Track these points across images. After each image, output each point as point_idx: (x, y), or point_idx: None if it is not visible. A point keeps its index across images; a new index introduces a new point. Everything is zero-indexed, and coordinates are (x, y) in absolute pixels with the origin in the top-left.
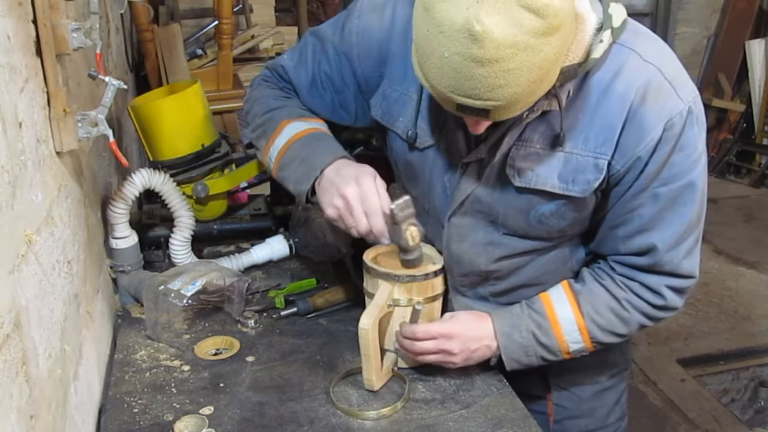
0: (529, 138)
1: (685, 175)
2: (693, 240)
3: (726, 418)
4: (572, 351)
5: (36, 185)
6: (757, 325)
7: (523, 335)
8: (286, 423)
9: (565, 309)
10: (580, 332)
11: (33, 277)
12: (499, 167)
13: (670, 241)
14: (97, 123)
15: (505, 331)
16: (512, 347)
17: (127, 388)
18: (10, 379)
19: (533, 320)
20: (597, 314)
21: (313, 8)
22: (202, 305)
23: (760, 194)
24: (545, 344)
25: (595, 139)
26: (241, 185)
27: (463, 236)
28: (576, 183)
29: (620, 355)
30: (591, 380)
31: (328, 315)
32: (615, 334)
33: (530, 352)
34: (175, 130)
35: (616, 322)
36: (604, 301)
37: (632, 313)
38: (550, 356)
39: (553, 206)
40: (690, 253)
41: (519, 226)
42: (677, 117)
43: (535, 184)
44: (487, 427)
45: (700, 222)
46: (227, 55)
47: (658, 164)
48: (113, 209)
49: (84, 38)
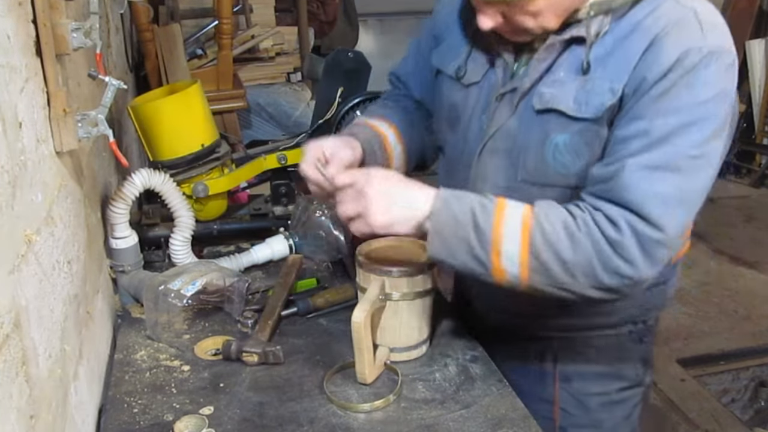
0: (557, 69)
1: (685, 113)
2: (673, 187)
3: (726, 418)
4: (503, 251)
5: (36, 185)
6: (757, 325)
7: (462, 208)
8: (286, 423)
9: (518, 204)
10: (521, 226)
11: (33, 277)
12: (529, 97)
13: (642, 161)
14: (97, 123)
15: (445, 196)
16: (443, 216)
17: (127, 388)
18: (10, 379)
19: (480, 201)
20: (546, 219)
21: (313, 8)
22: (202, 305)
23: (760, 194)
24: (479, 225)
25: (614, 65)
26: (241, 185)
27: (486, 178)
28: (589, 105)
29: (632, 369)
30: (600, 390)
31: (328, 315)
32: (558, 256)
33: (460, 232)
34: (175, 130)
35: (564, 238)
36: (559, 214)
37: (582, 237)
38: (478, 248)
39: (567, 136)
40: (666, 200)
41: (537, 165)
42: (695, 51)
43: (550, 104)
44: (487, 427)
45: (692, 173)
46: (227, 55)
47: (660, 90)
48: (113, 209)
49: (84, 38)
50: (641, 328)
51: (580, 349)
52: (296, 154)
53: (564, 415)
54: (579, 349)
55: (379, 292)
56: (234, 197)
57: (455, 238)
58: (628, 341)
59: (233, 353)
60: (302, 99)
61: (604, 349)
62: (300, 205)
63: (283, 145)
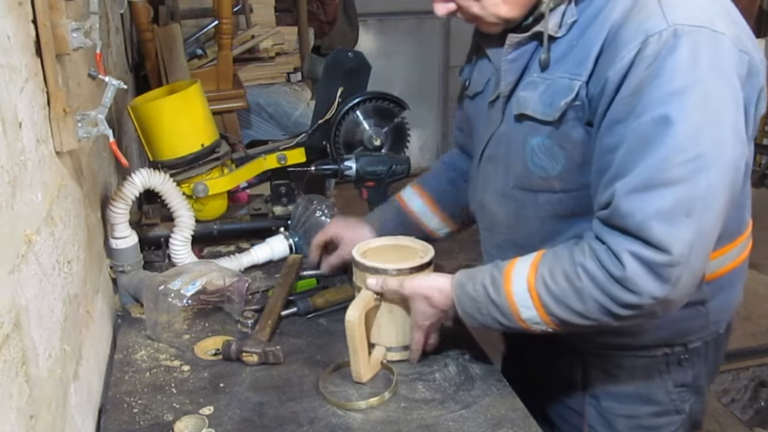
0: (533, 68)
1: (656, 107)
2: (673, 200)
3: (726, 418)
4: (526, 319)
5: (36, 185)
6: (757, 325)
7: (476, 288)
8: (286, 423)
9: (523, 266)
10: (529, 294)
11: (33, 277)
12: (511, 101)
13: (631, 184)
14: (97, 123)
15: (461, 280)
16: (464, 299)
17: (127, 388)
18: (10, 379)
19: (490, 275)
20: (550, 278)
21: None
22: (202, 305)
23: (760, 194)
24: (496, 302)
25: (573, 60)
26: (241, 185)
27: (486, 184)
28: (552, 107)
29: (666, 394)
30: (628, 412)
31: (328, 315)
32: (570, 309)
33: (483, 310)
34: (175, 130)
35: (569, 293)
36: (562, 265)
37: (584, 283)
38: (504, 319)
39: (539, 139)
40: (668, 216)
41: (521, 170)
42: (654, 37)
43: (523, 108)
44: (487, 427)
45: (690, 180)
46: (227, 55)
47: (629, 89)
48: (113, 209)
49: (84, 38)
50: (680, 350)
51: (608, 368)
52: (296, 154)
53: (591, 430)
54: (608, 368)
55: (374, 291)
56: (234, 197)
57: (481, 316)
58: (663, 364)
59: (233, 353)
60: (302, 99)
61: (633, 371)
62: (300, 205)
63: (283, 145)
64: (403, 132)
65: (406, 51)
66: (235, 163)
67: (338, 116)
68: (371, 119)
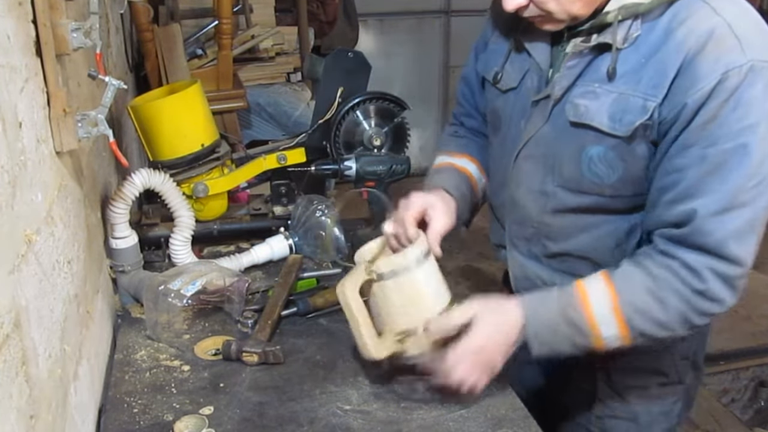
0: (590, 76)
1: (735, 137)
2: (744, 221)
3: (726, 418)
4: (605, 337)
5: (36, 185)
6: (757, 325)
7: (551, 310)
8: (286, 423)
9: (597, 286)
10: (612, 311)
11: (33, 277)
12: (561, 104)
13: (713, 207)
14: (97, 123)
15: (531, 305)
16: (538, 325)
17: (127, 388)
18: (10, 379)
19: (562, 297)
20: (631, 293)
21: (313, 8)
22: (202, 305)
23: None
24: (574, 321)
25: (647, 81)
26: (241, 185)
27: (521, 181)
28: (622, 123)
29: (672, 366)
30: (639, 383)
31: (328, 315)
32: (654, 321)
33: (559, 332)
34: (175, 130)
35: (653, 305)
36: (640, 280)
37: (669, 296)
38: (581, 339)
39: (601, 149)
40: (740, 234)
41: (572, 174)
42: (735, 71)
43: (585, 118)
44: (487, 427)
45: (756, 202)
46: (227, 55)
47: (706, 118)
48: (113, 209)
49: (84, 38)
50: None
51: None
52: (296, 154)
53: (601, 405)
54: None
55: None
56: (234, 197)
57: (555, 337)
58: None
59: (233, 353)
60: (302, 99)
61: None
62: (300, 205)
63: (283, 145)
64: (403, 132)
65: (406, 51)
66: (235, 163)
67: (338, 116)
68: (371, 119)
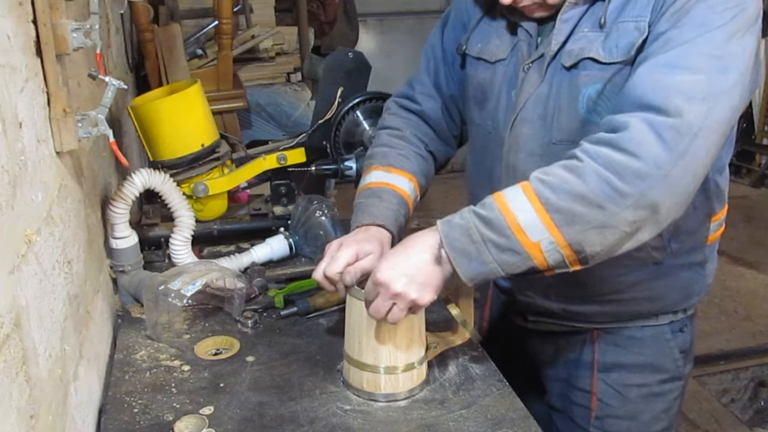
0: (582, 28)
1: (704, 24)
2: (692, 85)
3: (726, 418)
4: (525, 227)
5: (36, 185)
6: (757, 325)
7: (464, 216)
8: (286, 423)
9: (513, 188)
10: (524, 193)
11: (33, 277)
12: (557, 59)
13: (660, 61)
14: (97, 123)
15: (443, 220)
16: (453, 233)
17: (127, 388)
18: (10, 379)
19: (477, 204)
20: (544, 174)
21: (313, 8)
22: (202, 305)
23: (760, 194)
24: (486, 218)
25: (633, 6)
26: (241, 185)
27: (520, 146)
28: (619, 48)
29: (672, 361)
30: (640, 381)
31: (328, 315)
32: (571, 193)
33: (474, 235)
34: (175, 130)
35: (568, 177)
36: (554, 165)
37: (585, 164)
38: (498, 237)
39: (599, 86)
40: (684, 92)
41: (572, 123)
42: None
43: (580, 55)
44: (487, 427)
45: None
46: (227, 55)
47: (678, 6)
48: (113, 209)
49: (84, 38)
50: (681, 318)
51: (620, 342)
52: (296, 154)
53: (601, 405)
54: (620, 342)
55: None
56: (234, 197)
57: (474, 244)
58: (668, 332)
59: None
60: (302, 99)
61: (643, 341)
62: (300, 205)
63: (283, 145)
64: None
65: (406, 51)
66: (235, 163)
67: (338, 116)
68: (371, 119)
